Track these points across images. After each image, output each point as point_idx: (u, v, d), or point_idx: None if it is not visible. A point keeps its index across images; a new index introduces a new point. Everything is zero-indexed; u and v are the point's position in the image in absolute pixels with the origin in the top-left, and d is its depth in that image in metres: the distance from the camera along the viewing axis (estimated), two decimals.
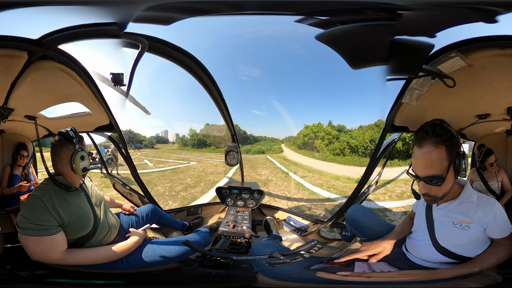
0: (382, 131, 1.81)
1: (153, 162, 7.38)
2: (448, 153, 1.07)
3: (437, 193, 1.14)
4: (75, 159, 1.26)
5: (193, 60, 1.59)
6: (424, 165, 1.08)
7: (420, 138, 1.09)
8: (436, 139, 1.06)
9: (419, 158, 1.09)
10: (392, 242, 1.36)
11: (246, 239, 1.76)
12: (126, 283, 1.34)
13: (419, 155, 1.09)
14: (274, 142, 8.26)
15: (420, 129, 1.11)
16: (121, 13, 1.24)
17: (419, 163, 1.10)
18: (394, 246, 1.41)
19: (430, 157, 1.07)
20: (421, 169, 1.10)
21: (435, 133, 1.07)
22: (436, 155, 1.06)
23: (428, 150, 1.07)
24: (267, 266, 1.28)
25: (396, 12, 1.14)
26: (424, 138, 1.08)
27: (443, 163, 1.07)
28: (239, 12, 1.30)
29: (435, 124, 1.10)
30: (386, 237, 1.40)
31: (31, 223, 1.14)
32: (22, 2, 1.18)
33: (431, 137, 1.07)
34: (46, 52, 1.28)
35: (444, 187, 1.12)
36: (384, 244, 1.36)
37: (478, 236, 1.17)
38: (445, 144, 1.07)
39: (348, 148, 5.21)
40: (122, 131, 2.13)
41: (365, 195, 2.17)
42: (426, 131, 1.09)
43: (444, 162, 1.07)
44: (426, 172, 1.09)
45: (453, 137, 1.10)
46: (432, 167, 1.07)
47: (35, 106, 1.75)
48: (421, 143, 1.08)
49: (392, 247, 1.34)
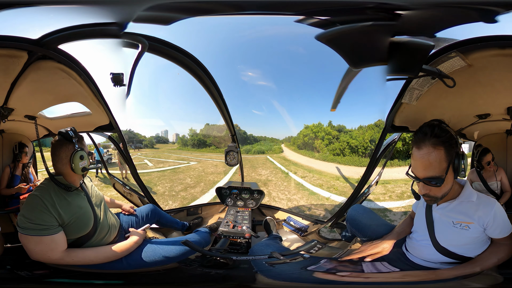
0: (382, 131, 1.81)
1: (153, 162, 7.37)
2: (446, 154, 1.07)
3: (436, 194, 1.14)
4: (74, 159, 1.26)
5: (193, 60, 1.59)
6: (423, 167, 1.09)
7: (418, 139, 1.09)
8: (435, 140, 1.06)
9: (418, 159, 1.09)
10: (392, 242, 1.36)
11: (246, 239, 1.76)
12: (126, 283, 1.34)
13: (418, 157, 1.09)
14: (274, 142, 8.24)
15: (419, 131, 1.11)
16: (121, 13, 1.24)
17: (418, 165, 1.10)
18: (394, 246, 1.41)
19: (429, 159, 1.07)
20: (420, 171, 1.10)
21: (433, 134, 1.07)
22: (435, 156, 1.06)
23: (426, 151, 1.07)
24: (267, 266, 1.28)
25: (396, 12, 1.14)
26: (422, 139, 1.08)
27: (442, 164, 1.07)
28: (239, 12, 1.30)
29: (434, 125, 1.10)
30: (386, 237, 1.40)
31: (31, 223, 1.14)
32: (22, 2, 1.18)
33: (429, 139, 1.07)
34: (46, 52, 1.28)
35: (444, 187, 1.12)
36: (384, 244, 1.36)
37: (478, 236, 1.17)
38: (444, 145, 1.07)
39: (348, 148, 5.21)
40: (122, 131, 2.13)
41: (365, 195, 2.17)
42: (424, 132, 1.09)
43: (443, 163, 1.07)
44: (425, 173, 1.09)
45: (452, 137, 1.09)
46: (431, 168, 1.07)
47: (35, 106, 1.75)
48: (420, 144, 1.08)
49: (391, 247, 1.34)
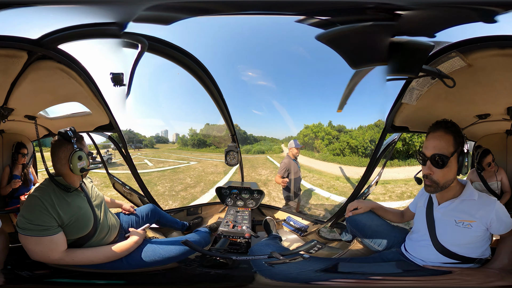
0: (382, 131, 1.82)
1: (153, 162, 7.37)
2: (455, 142, 1.21)
3: (438, 179, 1.20)
4: (72, 160, 1.26)
5: (193, 60, 1.59)
6: (433, 144, 1.22)
7: (434, 125, 1.26)
8: (448, 129, 1.23)
9: (430, 139, 1.24)
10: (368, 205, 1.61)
11: (246, 239, 1.76)
12: (126, 283, 1.34)
13: (431, 137, 1.25)
14: (274, 142, 8.23)
15: (435, 122, 1.27)
16: (121, 13, 1.24)
17: (429, 144, 1.23)
18: (393, 247, 1.44)
19: (440, 139, 1.22)
20: (430, 148, 1.22)
21: (447, 125, 1.24)
22: (446, 139, 1.21)
23: (439, 134, 1.23)
24: (266, 266, 1.28)
25: (396, 12, 1.14)
26: (438, 125, 1.25)
27: (449, 148, 1.20)
28: (239, 12, 1.30)
29: (448, 121, 1.27)
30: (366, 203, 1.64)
31: (31, 224, 1.14)
32: (22, 2, 1.18)
33: (445, 126, 1.23)
34: (45, 52, 1.28)
35: (445, 175, 1.20)
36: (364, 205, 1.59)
37: (480, 235, 1.18)
38: (454, 134, 1.22)
39: (348, 148, 5.20)
40: (122, 131, 2.13)
41: (365, 195, 2.17)
42: (440, 122, 1.26)
43: (451, 147, 1.20)
44: (434, 150, 1.21)
45: (461, 133, 1.23)
46: (440, 146, 1.21)
47: (35, 106, 1.75)
48: (435, 128, 1.25)
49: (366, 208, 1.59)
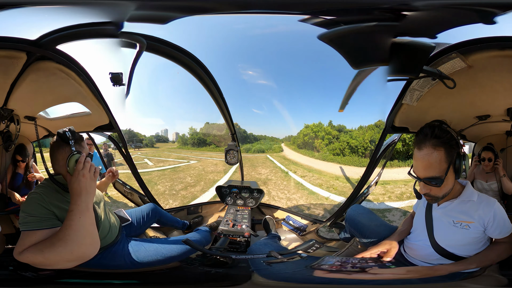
0: (382, 131, 1.81)
1: (153, 161, 7.36)
2: (447, 154, 1.09)
3: (437, 193, 1.15)
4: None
5: (192, 59, 1.58)
6: (423, 167, 1.10)
7: (419, 140, 1.11)
8: (435, 141, 1.08)
9: (418, 160, 1.11)
10: (396, 243, 1.33)
11: (246, 238, 1.77)
12: (126, 283, 1.35)
13: (418, 157, 1.11)
14: (274, 141, 8.21)
15: (420, 131, 1.12)
16: (119, 13, 1.24)
17: (419, 165, 1.12)
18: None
19: (429, 159, 1.09)
20: (420, 171, 1.12)
21: (434, 135, 1.08)
22: (435, 157, 1.08)
23: (427, 152, 1.09)
24: (264, 265, 1.29)
25: (398, 13, 1.14)
26: (423, 140, 1.09)
27: (442, 165, 1.09)
28: (242, 11, 1.29)
29: (434, 126, 1.11)
30: (389, 239, 1.39)
31: (30, 216, 1.12)
32: (20, 2, 1.17)
33: (430, 139, 1.08)
34: (44, 52, 1.28)
35: (444, 188, 1.13)
36: (387, 245, 1.33)
37: (477, 236, 1.17)
38: (444, 146, 1.08)
39: (348, 148, 5.19)
40: (122, 131, 2.13)
41: (365, 196, 2.17)
42: (425, 133, 1.10)
43: (443, 164, 1.09)
44: (425, 173, 1.11)
45: (453, 138, 1.11)
46: (431, 168, 1.09)
47: (34, 107, 1.75)
48: (420, 145, 1.10)
49: (397, 248, 1.32)
